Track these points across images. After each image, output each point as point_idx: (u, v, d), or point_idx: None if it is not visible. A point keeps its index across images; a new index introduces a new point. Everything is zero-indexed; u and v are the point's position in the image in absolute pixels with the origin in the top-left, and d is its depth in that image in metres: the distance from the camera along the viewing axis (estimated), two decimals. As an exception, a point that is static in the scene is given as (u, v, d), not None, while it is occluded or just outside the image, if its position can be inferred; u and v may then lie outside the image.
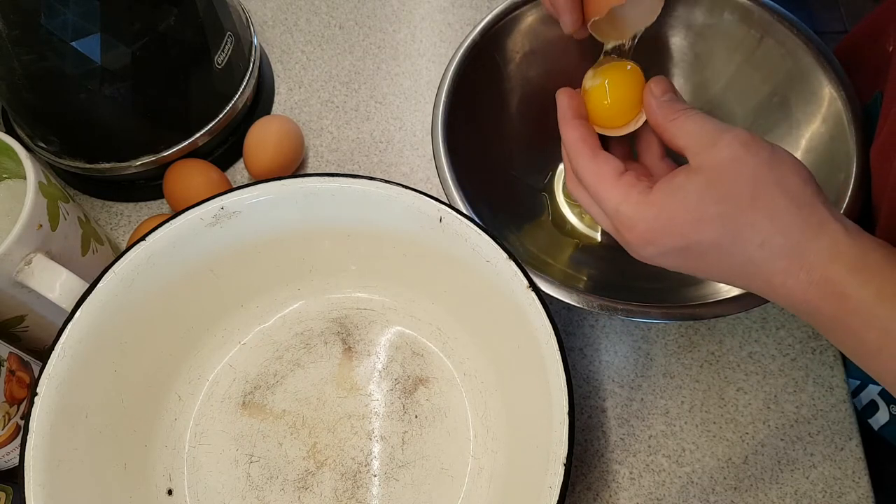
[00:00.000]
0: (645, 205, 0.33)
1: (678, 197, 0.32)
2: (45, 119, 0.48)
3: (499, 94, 0.50)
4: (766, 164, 0.32)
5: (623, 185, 0.34)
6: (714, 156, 0.32)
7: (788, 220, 0.31)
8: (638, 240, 0.34)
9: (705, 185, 0.32)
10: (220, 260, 0.42)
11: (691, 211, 0.32)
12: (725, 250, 0.32)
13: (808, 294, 0.31)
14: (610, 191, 0.34)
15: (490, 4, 0.61)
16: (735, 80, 0.49)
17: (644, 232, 0.33)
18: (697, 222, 0.32)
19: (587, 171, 0.35)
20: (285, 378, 0.44)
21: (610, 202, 0.34)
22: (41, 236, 0.39)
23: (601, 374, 0.47)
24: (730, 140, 0.32)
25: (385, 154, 0.55)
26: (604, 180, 0.34)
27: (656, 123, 0.36)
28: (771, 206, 0.31)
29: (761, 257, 0.31)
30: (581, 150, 0.36)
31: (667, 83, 0.36)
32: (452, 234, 0.39)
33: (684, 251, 0.33)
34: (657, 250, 0.33)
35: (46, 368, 0.35)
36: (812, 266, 0.31)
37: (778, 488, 0.44)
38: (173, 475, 0.41)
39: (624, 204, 0.34)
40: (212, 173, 0.50)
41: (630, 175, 0.34)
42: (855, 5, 1.52)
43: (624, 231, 0.34)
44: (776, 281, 0.32)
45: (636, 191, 0.33)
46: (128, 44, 0.44)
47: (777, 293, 0.32)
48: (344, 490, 0.41)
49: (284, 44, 0.60)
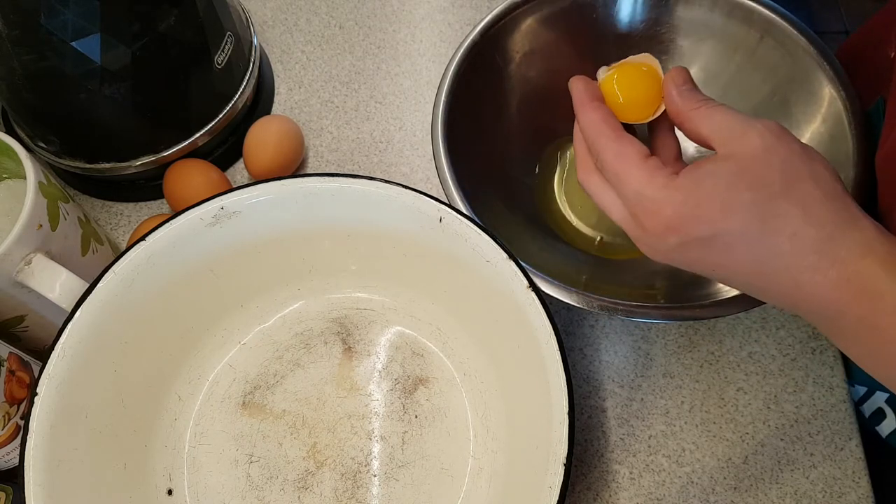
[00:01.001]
0: (672, 188, 0.31)
1: (707, 183, 0.31)
2: (45, 119, 0.48)
3: (499, 94, 0.50)
4: (799, 155, 0.31)
5: (649, 167, 0.32)
6: (746, 144, 0.31)
7: (821, 213, 0.30)
8: (661, 227, 0.31)
9: (736, 172, 0.31)
10: (220, 260, 0.42)
11: (721, 197, 0.30)
12: (754, 241, 0.30)
13: (837, 292, 0.29)
14: (634, 173, 0.32)
15: (490, 4, 0.61)
16: (735, 80, 0.49)
17: (670, 218, 0.31)
18: (728, 209, 0.30)
19: (609, 151, 0.33)
20: (285, 378, 0.44)
21: (632, 184, 0.32)
22: (41, 236, 0.39)
23: (601, 374, 0.47)
24: (761, 130, 0.31)
25: (385, 154, 0.55)
26: (628, 161, 0.32)
27: (678, 111, 0.34)
28: (804, 197, 0.30)
29: (791, 249, 0.30)
30: (603, 130, 0.34)
31: (687, 74, 0.35)
32: (452, 234, 0.39)
33: (709, 242, 0.31)
34: (680, 239, 0.31)
35: (46, 368, 0.35)
36: (844, 261, 0.29)
37: (778, 488, 0.44)
38: (173, 475, 0.41)
39: (649, 187, 0.32)
40: (212, 173, 0.50)
41: (656, 159, 0.33)
42: (855, 5, 1.52)
43: (645, 217, 0.32)
44: (803, 278, 0.30)
45: (663, 174, 0.32)
46: (128, 44, 0.44)
47: (803, 291, 0.30)
48: (344, 490, 0.41)
49: (284, 44, 0.60)
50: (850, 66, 0.45)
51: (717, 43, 0.49)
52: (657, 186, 0.31)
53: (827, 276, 0.30)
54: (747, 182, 0.30)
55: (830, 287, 0.30)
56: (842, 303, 0.30)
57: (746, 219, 0.30)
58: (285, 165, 0.51)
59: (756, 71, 0.48)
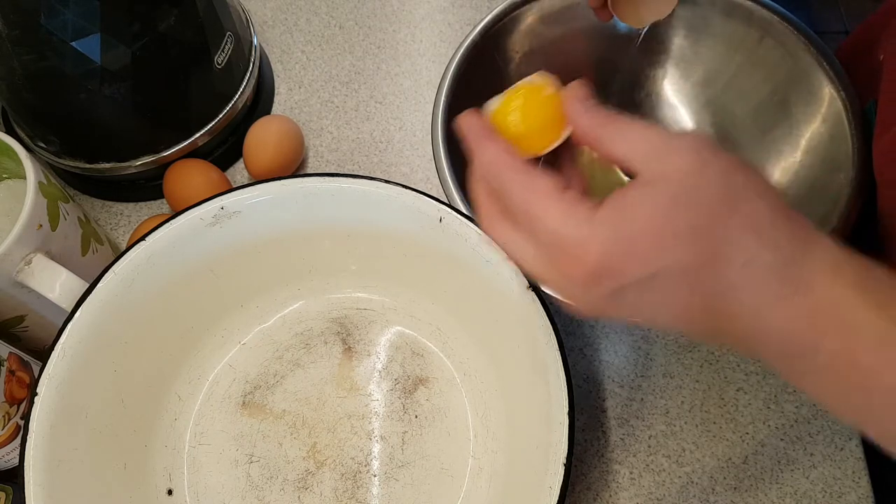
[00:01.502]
0: (596, 223, 0.26)
1: (638, 213, 0.26)
2: (45, 119, 0.48)
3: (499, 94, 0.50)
4: (739, 169, 0.26)
5: (567, 200, 0.27)
6: (675, 161, 0.26)
7: (775, 233, 0.26)
8: (587, 272, 0.26)
9: (669, 195, 0.26)
10: (220, 260, 0.42)
11: (657, 227, 0.25)
12: (700, 276, 0.26)
13: (808, 322, 0.25)
14: (550, 208, 0.27)
15: (490, 4, 0.61)
16: (735, 80, 0.49)
17: (598, 260, 0.26)
18: (664, 241, 0.25)
19: (517, 184, 0.28)
20: (285, 378, 0.44)
21: (548, 222, 0.27)
22: (41, 236, 0.39)
23: (601, 374, 0.47)
24: (692, 143, 0.26)
25: (385, 154, 0.55)
26: (541, 194, 0.27)
27: (586, 131, 0.29)
28: (755, 217, 0.26)
29: (746, 281, 0.25)
30: (507, 162, 0.28)
31: (589, 87, 0.30)
32: (452, 234, 0.39)
33: (647, 284, 0.26)
34: (613, 285, 0.26)
35: (46, 368, 0.35)
36: (811, 286, 0.25)
37: (778, 488, 0.44)
38: (173, 475, 0.41)
39: (568, 223, 0.26)
40: (212, 173, 0.50)
41: (574, 192, 0.27)
42: (855, 5, 1.52)
43: (567, 263, 0.26)
44: (765, 311, 0.25)
45: (584, 207, 0.26)
46: (128, 44, 0.44)
47: (765, 326, 0.26)
48: (344, 490, 0.41)
49: (284, 44, 0.60)
50: (849, 66, 0.45)
51: (717, 43, 0.49)
52: (578, 222, 0.26)
53: (793, 305, 0.25)
54: (684, 207, 0.25)
55: (799, 318, 0.25)
56: (814, 336, 0.25)
57: (690, 249, 0.25)
58: (285, 165, 0.51)
59: (756, 71, 0.48)
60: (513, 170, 0.28)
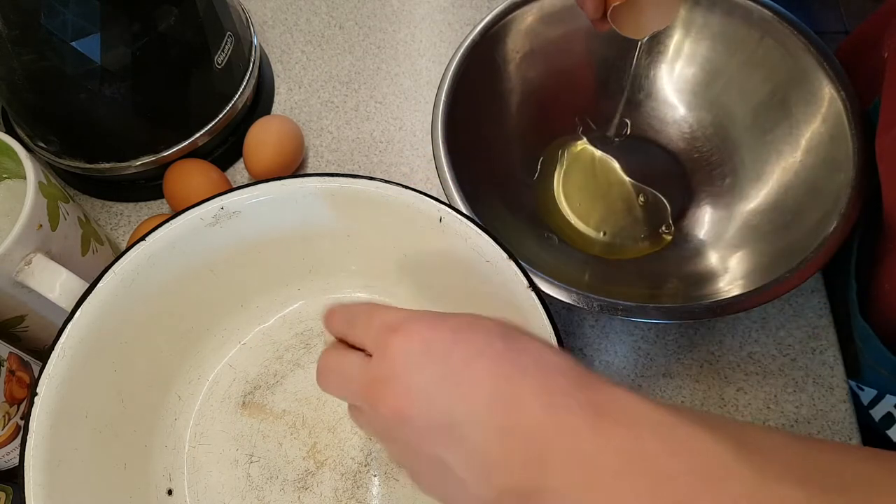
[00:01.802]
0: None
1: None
2: (45, 119, 0.48)
3: (499, 94, 0.50)
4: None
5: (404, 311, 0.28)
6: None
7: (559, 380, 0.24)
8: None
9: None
10: (220, 260, 0.42)
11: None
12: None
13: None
14: (386, 308, 0.28)
15: (490, 4, 0.61)
16: (735, 80, 0.49)
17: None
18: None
19: (362, 305, 0.30)
20: (285, 378, 0.44)
21: (385, 314, 0.28)
22: (41, 236, 0.39)
23: (601, 374, 0.47)
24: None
25: (385, 154, 0.55)
26: (379, 306, 0.29)
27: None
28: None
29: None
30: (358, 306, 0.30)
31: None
32: (452, 234, 0.39)
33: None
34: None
35: (46, 368, 0.35)
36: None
37: (778, 488, 0.44)
38: (173, 475, 0.41)
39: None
40: (212, 173, 0.50)
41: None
42: (855, 5, 1.52)
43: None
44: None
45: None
46: (128, 44, 0.44)
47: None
48: (344, 490, 0.41)
49: (284, 44, 0.60)
50: (850, 65, 0.45)
51: (716, 43, 0.49)
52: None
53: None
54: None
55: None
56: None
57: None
58: (285, 165, 0.51)
59: (756, 71, 0.48)
60: (359, 304, 0.30)
